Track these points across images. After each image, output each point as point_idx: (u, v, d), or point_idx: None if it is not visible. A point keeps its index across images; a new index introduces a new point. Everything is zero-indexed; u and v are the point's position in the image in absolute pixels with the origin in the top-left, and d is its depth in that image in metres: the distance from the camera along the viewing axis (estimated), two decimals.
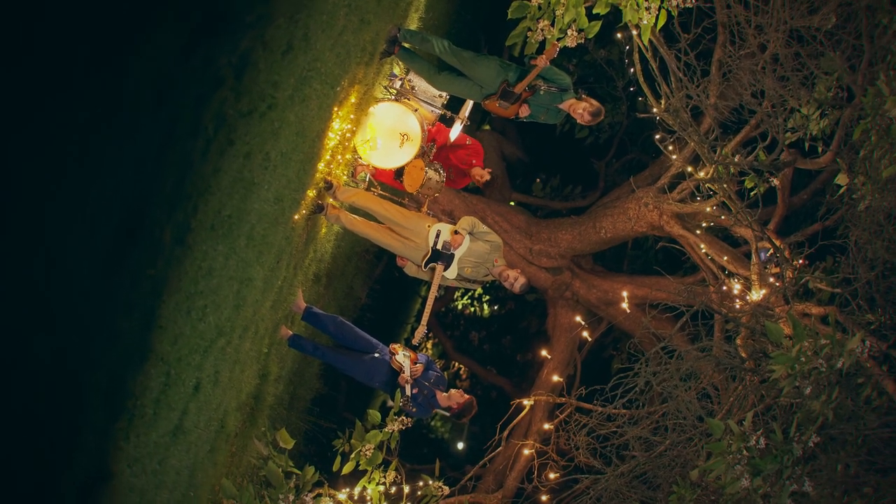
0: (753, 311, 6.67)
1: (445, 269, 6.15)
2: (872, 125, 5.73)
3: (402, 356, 6.13)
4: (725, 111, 7.40)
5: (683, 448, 6.29)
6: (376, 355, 6.27)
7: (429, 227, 6.18)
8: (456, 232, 6.08)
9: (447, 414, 6.39)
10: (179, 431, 4.64)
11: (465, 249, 6.12)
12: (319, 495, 5.85)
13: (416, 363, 6.14)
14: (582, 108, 6.02)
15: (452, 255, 6.13)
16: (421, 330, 6.10)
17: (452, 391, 6.29)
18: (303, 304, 6.50)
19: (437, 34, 6.36)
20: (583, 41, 6.06)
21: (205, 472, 5.22)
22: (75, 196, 3.89)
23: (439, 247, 6.11)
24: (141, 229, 4.20)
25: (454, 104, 6.84)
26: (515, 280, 6.12)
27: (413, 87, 6.75)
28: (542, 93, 6.03)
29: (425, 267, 6.20)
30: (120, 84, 3.78)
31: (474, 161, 6.94)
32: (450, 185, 7.05)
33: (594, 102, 6.04)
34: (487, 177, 6.90)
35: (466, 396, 6.26)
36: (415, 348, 6.30)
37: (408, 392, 6.06)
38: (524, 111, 6.14)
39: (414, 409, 6.09)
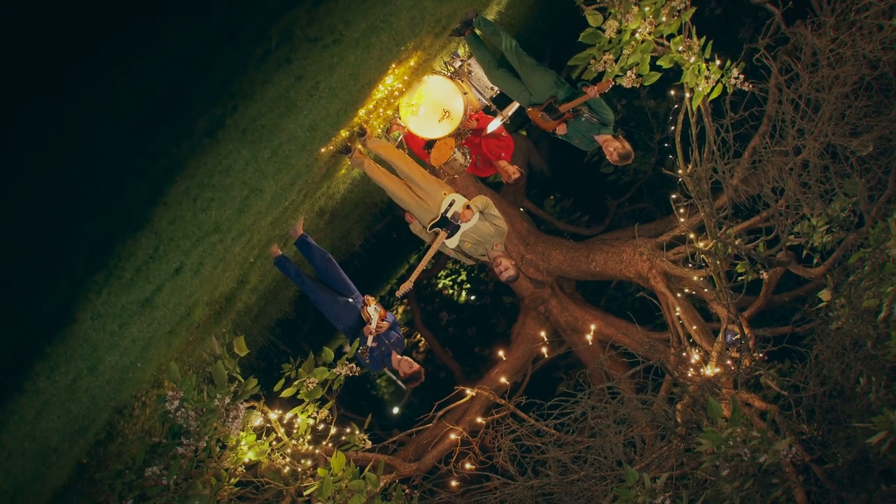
0: (702, 383, 6.82)
1: (448, 238, 6.32)
2: (870, 256, 5.88)
3: (373, 309, 6.32)
4: (743, 195, 7.46)
5: (595, 484, 6.47)
6: (350, 300, 6.45)
7: (445, 194, 6.33)
8: (468, 207, 6.24)
9: (394, 376, 6.53)
10: (148, 304, 4.75)
11: (471, 225, 6.29)
12: (253, 408, 6.02)
13: (383, 320, 6.32)
14: (614, 148, 6.13)
15: (458, 227, 6.28)
16: (407, 285, 6.26)
17: (406, 357, 6.46)
18: (300, 230, 6.67)
19: (508, 32, 6.45)
20: (637, 86, 6.17)
21: (157, 350, 5.33)
22: (132, 57, 4.01)
23: (449, 215, 6.27)
24: (178, 109, 4.34)
25: (502, 101, 6.95)
26: (506, 269, 6.29)
27: (470, 72, 6.87)
28: (583, 119, 6.15)
29: (430, 229, 6.37)
30: None
31: (503, 154, 6.98)
32: (474, 171, 7.13)
33: (627, 146, 6.14)
34: (518, 174, 6.83)
35: (417, 366, 6.42)
36: (386, 307, 6.45)
37: (368, 343, 6.23)
38: (562, 130, 6.27)
39: (368, 361, 6.27)
